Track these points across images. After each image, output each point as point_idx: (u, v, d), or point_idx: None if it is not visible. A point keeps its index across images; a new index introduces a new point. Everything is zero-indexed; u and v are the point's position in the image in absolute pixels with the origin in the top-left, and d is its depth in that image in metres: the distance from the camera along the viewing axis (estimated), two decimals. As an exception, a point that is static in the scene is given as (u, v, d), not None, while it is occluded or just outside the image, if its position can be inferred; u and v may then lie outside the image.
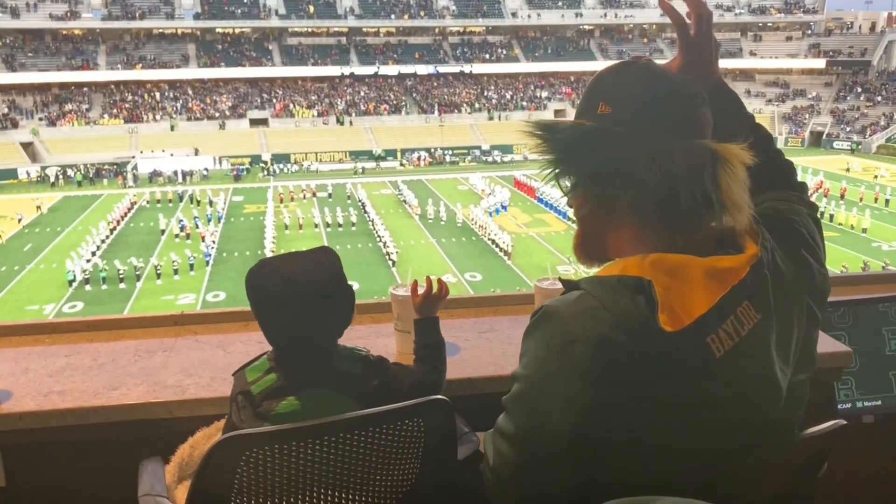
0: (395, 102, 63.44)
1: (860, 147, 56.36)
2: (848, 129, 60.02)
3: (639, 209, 1.22)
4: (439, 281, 1.89)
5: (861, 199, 38.40)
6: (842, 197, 38.76)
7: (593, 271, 1.28)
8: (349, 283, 1.57)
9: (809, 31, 72.59)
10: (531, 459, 1.20)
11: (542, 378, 1.18)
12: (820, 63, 68.65)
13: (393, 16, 68.37)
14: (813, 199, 1.58)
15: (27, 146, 52.05)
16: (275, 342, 1.54)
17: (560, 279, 1.37)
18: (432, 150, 55.33)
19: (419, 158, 54.32)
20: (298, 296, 1.47)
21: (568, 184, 1.28)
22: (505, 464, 1.23)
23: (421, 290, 1.88)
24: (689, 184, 1.15)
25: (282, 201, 40.35)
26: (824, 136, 59.51)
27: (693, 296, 1.15)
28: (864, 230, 33.53)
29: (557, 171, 1.25)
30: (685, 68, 1.45)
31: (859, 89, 64.97)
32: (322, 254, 1.57)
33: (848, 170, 47.93)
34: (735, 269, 1.20)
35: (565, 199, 1.33)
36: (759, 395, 1.18)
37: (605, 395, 1.12)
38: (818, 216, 1.52)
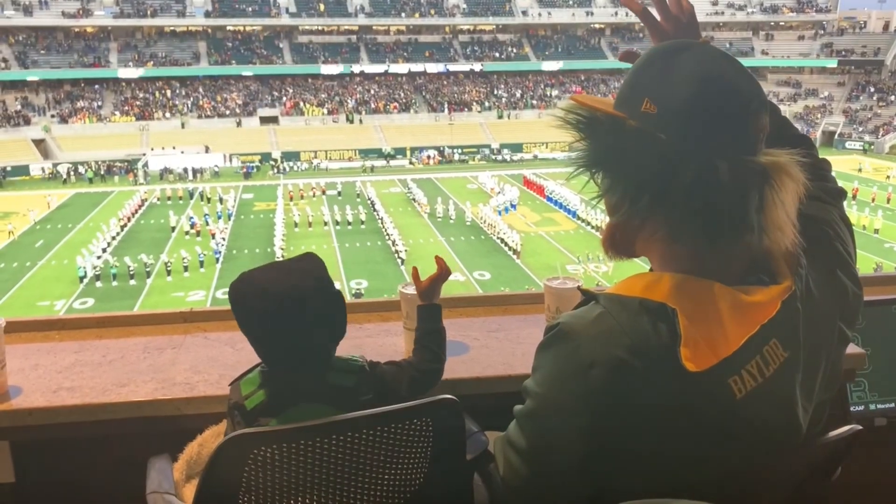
0: (404, 100, 63.49)
1: (872, 147, 56.02)
2: (860, 129, 59.66)
3: (672, 225, 1.14)
4: (442, 260, 1.88)
5: (873, 200, 38.19)
6: (854, 197, 38.51)
7: (603, 270, 1.24)
8: (336, 289, 1.51)
9: (822, 31, 72.15)
10: (542, 475, 1.18)
11: (555, 399, 1.15)
12: (832, 62, 68.23)
13: (403, 14, 68.39)
14: None
15: (39, 143, 52.42)
16: (263, 358, 1.51)
17: (580, 289, 1.33)
18: (442, 149, 55.31)
19: (428, 157, 54.32)
20: (274, 306, 1.43)
21: (600, 183, 1.18)
22: (515, 477, 1.21)
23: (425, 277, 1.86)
24: (732, 208, 1.08)
25: (291, 199, 40.46)
26: (836, 136, 59.16)
27: (719, 333, 1.09)
28: (877, 231, 33.35)
29: (590, 169, 1.17)
30: None
31: (872, 89, 64.54)
32: (303, 261, 1.52)
33: (860, 170, 47.66)
34: (765, 305, 1.13)
35: (579, 197, 1.27)
36: (776, 433, 1.14)
37: (618, 418, 1.10)
38: (845, 212, 1.45)
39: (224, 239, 32.86)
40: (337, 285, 1.54)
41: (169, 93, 60.56)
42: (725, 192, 1.07)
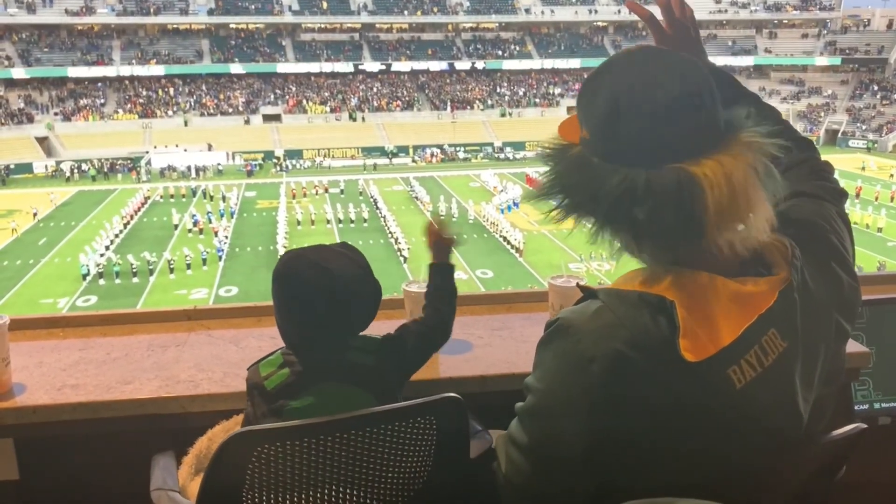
0: (407, 99, 63.46)
1: (876, 146, 55.89)
2: (864, 127, 59.52)
3: (630, 240, 1.17)
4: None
5: (877, 199, 38.10)
6: (857, 196, 38.45)
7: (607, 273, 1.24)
8: (375, 276, 1.57)
9: (825, 29, 71.98)
10: (544, 471, 1.18)
11: (556, 395, 1.16)
12: (836, 61, 68.07)
13: (406, 12, 68.34)
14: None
15: (42, 141, 52.47)
16: (291, 336, 1.52)
17: (578, 286, 1.34)
18: (444, 147, 55.30)
19: (431, 155, 54.30)
20: (333, 286, 1.47)
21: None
22: (518, 473, 1.22)
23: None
24: (662, 217, 1.07)
25: (294, 197, 40.47)
26: (840, 135, 59.04)
27: (717, 324, 1.10)
28: (880, 229, 33.30)
29: (547, 197, 1.21)
30: None
31: (875, 87, 64.39)
32: (347, 248, 1.57)
33: (863, 168, 47.57)
34: (762, 295, 1.14)
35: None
36: (778, 423, 1.15)
37: (619, 412, 1.10)
38: (845, 211, 1.44)
39: (227, 237, 32.88)
40: None
41: (172, 91, 60.58)
42: (650, 206, 1.07)
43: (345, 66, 64.64)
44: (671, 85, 1.11)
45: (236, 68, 62.49)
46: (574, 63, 68.27)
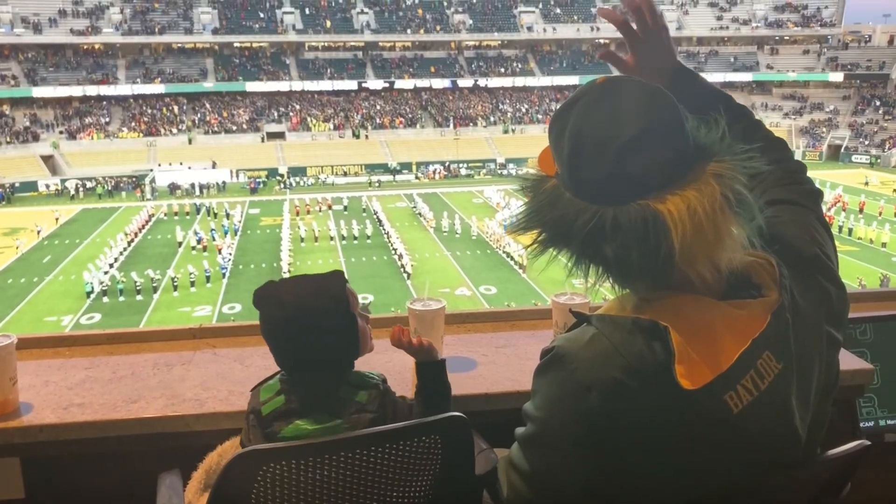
0: (410, 116, 63.69)
1: (879, 161, 55.91)
2: (866, 142, 59.55)
3: (610, 274, 1.16)
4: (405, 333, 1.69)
5: (880, 213, 38.03)
6: (861, 211, 38.42)
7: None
8: (349, 310, 1.53)
9: (826, 45, 72.20)
10: (545, 497, 1.19)
11: (555, 423, 1.16)
12: (838, 76, 68.19)
13: (409, 30, 68.74)
14: (831, 212, 1.51)
15: (47, 159, 52.71)
16: (280, 365, 1.55)
17: (571, 311, 1.34)
18: (447, 164, 55.44)
19: (434, 171, 54.44)
20: (286, 319, 1.49)
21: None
22: (519, 498, 1.23)
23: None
24: (629, 253, 1.08)
25: (298, 214, 40.57)
26: (842, 150, 59.06)
27: (713, 348, 1.10)
28: (884, 244, 33.20)
29: (525, 229, 1.20)
30: (639, 63, 1.44)
31: (878, 102, 64.46)
32: (325, 279, 1.56)
33: (867, 183, 47.55)
34: (755, 318, 1.14)
35: None
36: (776, 444, 1.15)
37: (618, 439, 1.11)
38: (825, 217, 1.44)
39: (230, 254, 32.93)
40: None
41: (176, 109, 60.89)
42: (620, 241, 1.07)
43: (348, 84, 64.96)
44: (634, 119, 1.09)
45: (240, 86, 62.76)
46: (576, 80, 68.46)
